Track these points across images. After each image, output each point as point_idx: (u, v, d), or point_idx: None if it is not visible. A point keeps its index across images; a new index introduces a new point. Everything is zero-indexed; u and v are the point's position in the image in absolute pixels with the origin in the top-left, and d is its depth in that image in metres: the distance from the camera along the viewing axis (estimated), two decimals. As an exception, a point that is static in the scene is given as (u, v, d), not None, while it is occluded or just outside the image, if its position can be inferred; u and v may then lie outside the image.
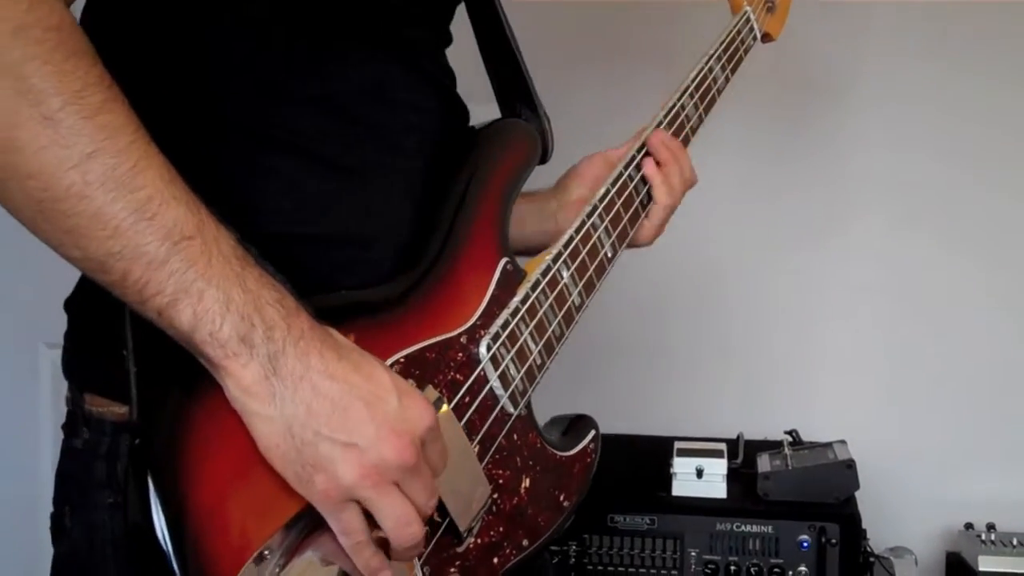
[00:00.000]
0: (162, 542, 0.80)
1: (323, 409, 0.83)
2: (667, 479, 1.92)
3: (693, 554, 1.84)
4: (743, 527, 1.84)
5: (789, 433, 2.09)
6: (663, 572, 1.85)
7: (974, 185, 2.29)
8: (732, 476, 1.93)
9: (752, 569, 1.83)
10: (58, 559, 1.02)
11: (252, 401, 0.83)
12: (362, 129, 1.04)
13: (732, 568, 1.83)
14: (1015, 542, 2.01)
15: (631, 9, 2.33)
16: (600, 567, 1.87)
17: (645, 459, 2.05)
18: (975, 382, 2.30)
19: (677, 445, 1.97)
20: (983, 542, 2.03)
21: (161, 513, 0.81)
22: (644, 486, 1.96)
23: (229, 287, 0.82)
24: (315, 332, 0.85)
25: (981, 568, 1.97)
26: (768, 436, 2.13)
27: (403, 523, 0.86)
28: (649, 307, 2.41)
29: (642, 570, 1.86)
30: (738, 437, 2.12)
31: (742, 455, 2.04)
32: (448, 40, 1.19)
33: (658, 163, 1.29)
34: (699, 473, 1.91)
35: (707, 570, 1.84)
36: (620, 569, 1.87)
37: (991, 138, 2.28)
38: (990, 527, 2.07)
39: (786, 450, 1.98)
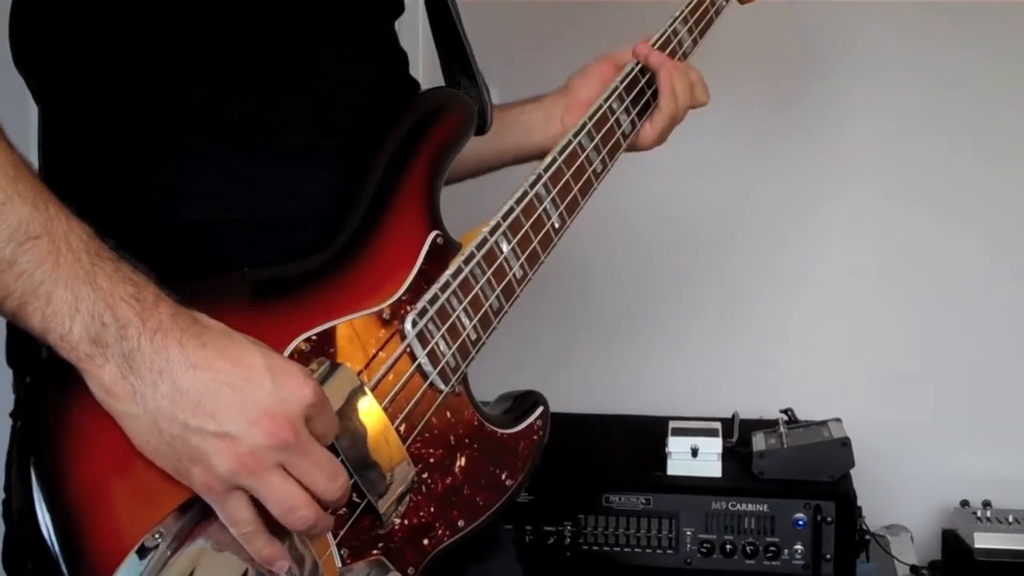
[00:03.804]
0: (43, 529, 0.79)
1: (187, 401, 0.81)
2: (662, 459, 1.91)
3: (688, 533, 1.84)
4: (738, 506, 1.83)
5: (784, 411, 2.09)
6: (659, 552, 1.85)
7: (970, 162, 2.28)
8: (727, 455, 1.93)
9: (748, 548, 1.82)
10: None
11: (115, 401, 0.81)
12: (290, 109, 1.02)
13: (728, 547, 1.83)
14: (1011, 519, 2.01)
15: (626, 8, 2.32)
16: (596, 547, 1.87)
17: (640, 439, 2.05)
18: (971, 359, 2.29)
19: (672, 424, 1.97)
20: (979, 519, 2.02)
21: (42, 501, 0.79)
22: (639, 466, 1.95)
23: (78, 286, 0.80)
24: (176, 321, 0.82)
25: (977, 545, 1.96)
26: (763, 415, 2.12)
27: (289, 508, 0.84)
28: (644, 287, 2.41)
29: (637, 550, 1.86)
30: (733, 416, 2.12)
31: (737, 434, 2.04)
32: (399, 9, 1.17)
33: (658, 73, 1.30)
34: (694, 452, 1.90)
35: (703, 549, 1.83)
36: (616, 549, 1.86)
37: (985, 110, 2.27)
38: (986, 504, 2.07)
39: (781, 428, 1.97)
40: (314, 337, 0.95)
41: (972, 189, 2.29)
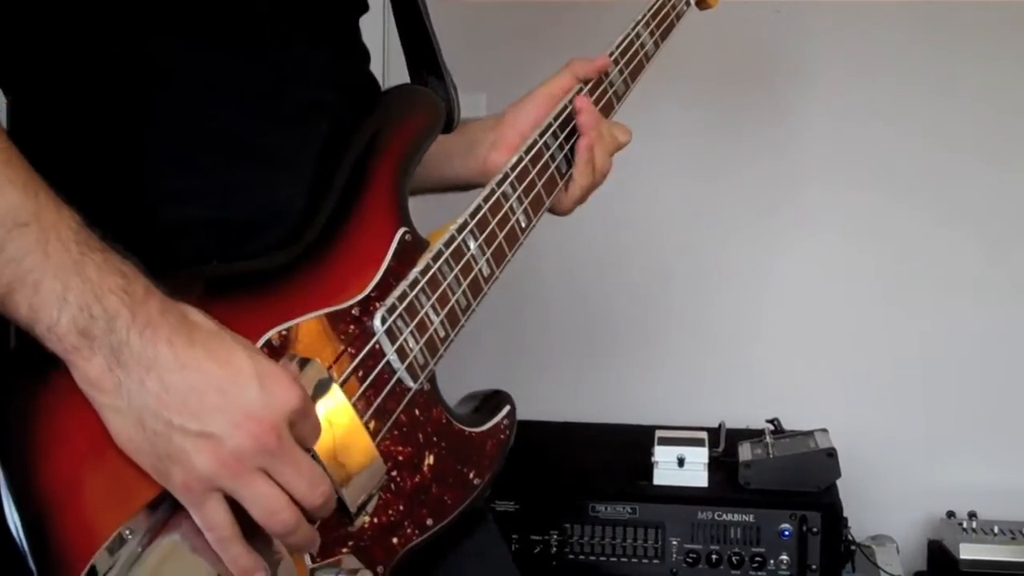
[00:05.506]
0: (12, 525, 0.78)
1: (174, 399, 0.80)
2: (648, 468, 1.91)
3: (674, 543, 1.84)
4: (724, 516, 1.83)
5: (770, 422, 2.09)
6: (644, 561, 1.85)
7: (965, 166, 2.29)
8: (713, 465, 1.93)
9: (733, 558, 1.82)
10: None
11: (100, 394, 0.80)
12: (270, 111, 1.02)
13: (713, 557, 1.82)
14: (996, 530, 2.01)
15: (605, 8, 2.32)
16: (581, 556, 1.86)
17: (626, 448, 2.05)
18: (958, 370, 2.30)
19: (658, 434, 1.97)
20: (964, 530, 2.03)
21: (9, 494, 0.78)
22: (625, 475, 1.95)
23: (67, 277, 0.79)
24: (166, 318, 0.82)
25: (963, 556, 1.97)
26: (750, 425, 2.13)
27: (270, 511, 0.83)
28: (631, 296, 2.41)
29: (623, 559, 1.85)
30: (720, 426, 2.12)
31: (723, 444, 2.04)
32: (363, 8, 1.17)
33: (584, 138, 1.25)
34: (680, 462, 1.90)
35: (688, 559, 1.83)
36: (601, 558, 1.86)
37: (983, 113, 2.27)
38: (971, 515, 2.07)
39: (767, 439, 1.98)
40: (284, 332, 0.94)
41: (966, 195, 2.29)
